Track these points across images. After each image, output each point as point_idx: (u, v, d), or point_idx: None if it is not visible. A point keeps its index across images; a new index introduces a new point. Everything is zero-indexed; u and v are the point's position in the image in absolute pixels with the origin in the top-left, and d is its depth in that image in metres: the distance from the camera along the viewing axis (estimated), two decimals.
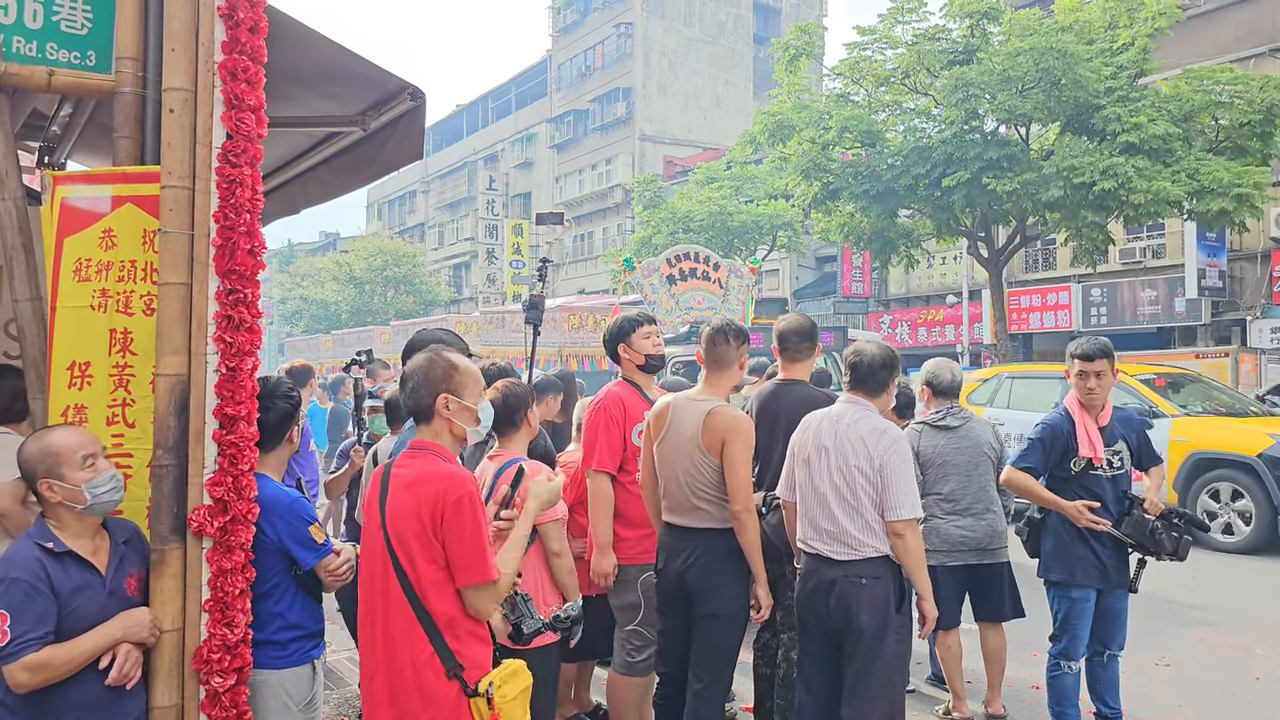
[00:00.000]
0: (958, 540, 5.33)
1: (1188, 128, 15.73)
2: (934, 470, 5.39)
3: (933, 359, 5.78)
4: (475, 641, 2.75)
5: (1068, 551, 4.70)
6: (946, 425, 5.41)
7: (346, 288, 42.10)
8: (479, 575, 2.67)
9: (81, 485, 2.64)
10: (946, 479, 5.36)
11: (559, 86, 46.50)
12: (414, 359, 2.89)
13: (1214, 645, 6.80)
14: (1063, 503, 4.63)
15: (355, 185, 4.79)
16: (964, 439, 5.38)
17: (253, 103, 2.82)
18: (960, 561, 5.35)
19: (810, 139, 18.47)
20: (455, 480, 2.69)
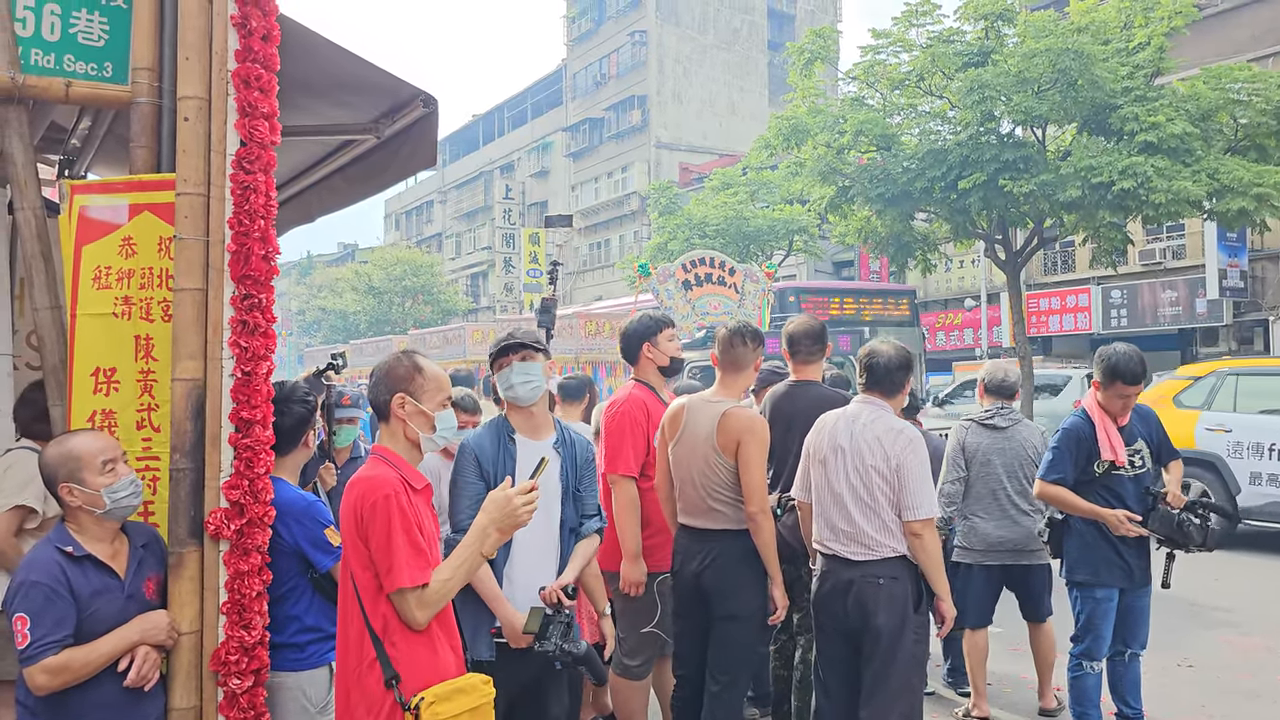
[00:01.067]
0: (995, 540, 5.37)
1: (1206, 127, 15.61)
2: (976, 467, 5.44)
3: (993, 360, 5.88)
4: (420, 649, 2.61)
5: (1092, 552, 4.68)
6: (994, 425, 5.48)
7: (365, 298, 42.30)
8: (398, 580, 2.53)
9: (101, 490, 2.68)
10: (986, 478, 5.41)
11: (574, 95, 46.65)
12: (385, 357, 2.91)
13: (1237, 646, 6.74)
14: (1103, 511, 4.60)
15: (369, 193, 4.83)
16: (1009, 440, 5.43)
17: (266, 110, 2.85)
18: (997, 562, 5.40)
19: (825, 143, 18.43)
20: (375, 483, 2.60)
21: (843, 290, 15.26)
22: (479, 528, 2.67)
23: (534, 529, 3.20)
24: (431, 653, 2.63)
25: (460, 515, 3.38)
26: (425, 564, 2.58)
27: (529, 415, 3.53)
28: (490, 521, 2.66)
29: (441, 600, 2.61)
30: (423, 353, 2.98)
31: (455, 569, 2.63)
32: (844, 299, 14.81)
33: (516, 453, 3.45)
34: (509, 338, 3.53)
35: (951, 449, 5.55)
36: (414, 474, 2.74)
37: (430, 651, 2.63)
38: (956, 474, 5.48)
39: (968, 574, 5.48)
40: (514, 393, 3.48)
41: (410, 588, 2.54)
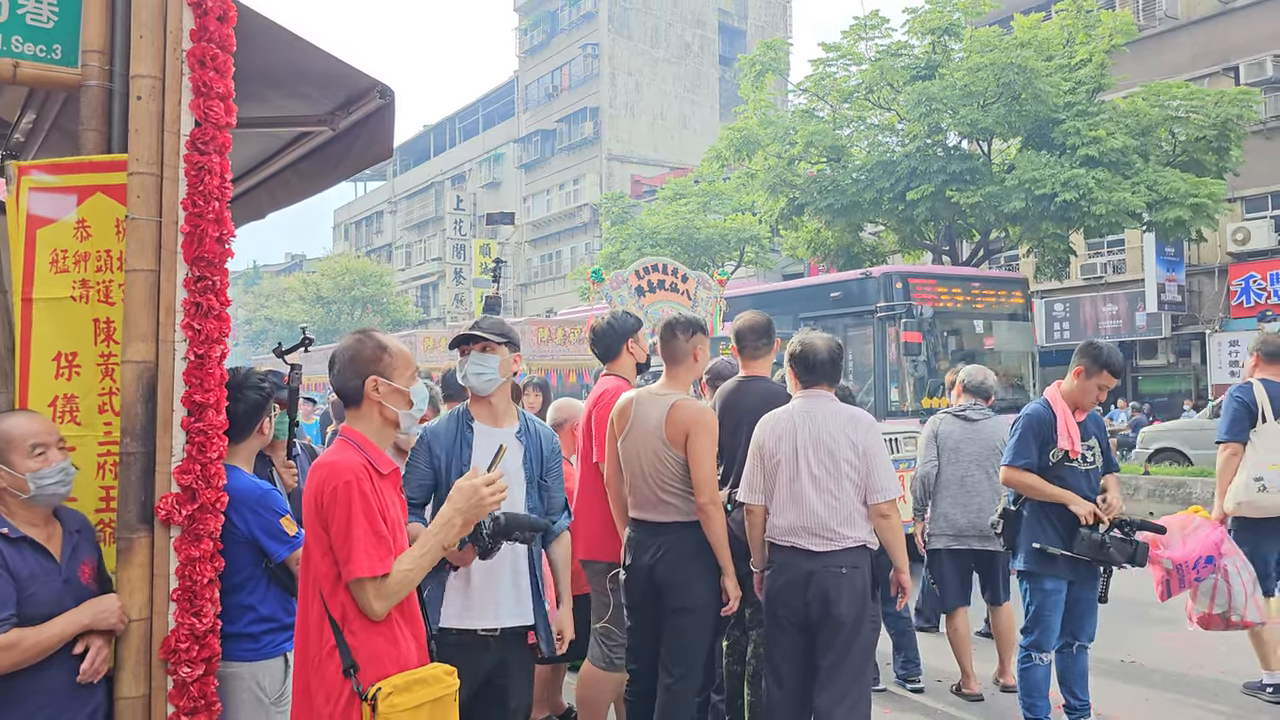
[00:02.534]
0: (963, 526, 5.71)
1: (1145, 142, 16.04)
2: (948, 454, 5.84)
3: (973, 365, 6.36)
4: (379, 639, 2.55)
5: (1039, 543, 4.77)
6: (968, 417, 5.89)
7: (313, 308, 41.84)
8: (356, 569, 2.48)
9: (27, 475, 2.62)
10: (957, 464, 5.78)
11: (526, 107, 46.63)
12: (342, 340, 2.84)
13: (1178, 643, 6.89)
14: (1068, 495, 4.70)
15: (324, 186, 4.78)
16: (979, 432, 5.81)
17: (221, 90, 2.82)
18: (965, 546, 5.73)
19: (776, 154, 18.64)
20: (337, 469, 2.55)
21: (952, 276, 13.76)
22: (444, 517, 2.62)
23: None
24: (391, 643, 2.58)
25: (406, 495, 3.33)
26: (386, 553, 2.53)
27: (488, 404, 3.53)
28: (456, 511, 2.62)
29: (402, 591, 2.56)
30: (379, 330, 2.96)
31: (417, 559, 2.58)
32: (953, 287, 13.15)
33: (474, 440, 3.45)
34: (473, 327, 3.55)
35: (925, 438, 6.00)
36: (381, 458, 2.69)
37: (390, 641, 2.58)
38: (929, 460, 5.87)
39: (939, 559, 5.83)
40: (468, 382, 3.52)
41: (368, 578, 2.49)
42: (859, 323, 12.80)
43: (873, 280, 12.90)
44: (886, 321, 12.44)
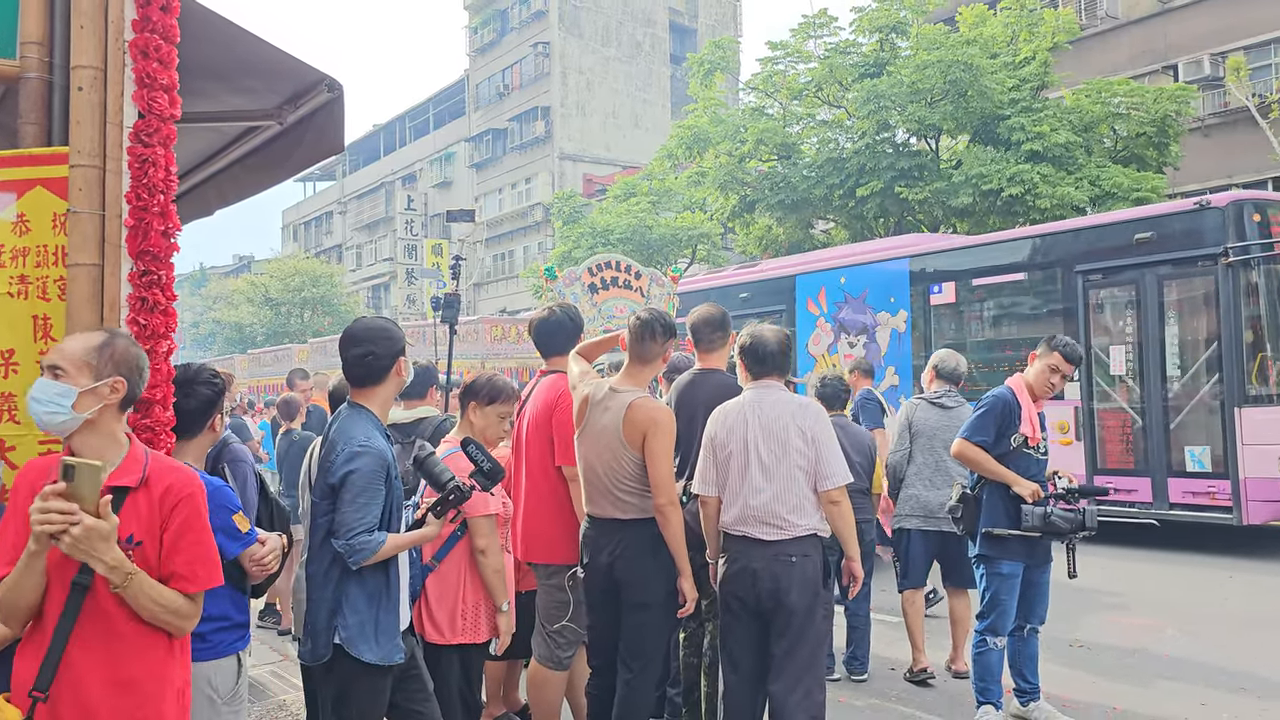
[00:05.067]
0: (935, 507, 5.79)
1: (1088, 138, 16.37)
2: (922, 440, 5.95)
3: (944, 349, 6.41)
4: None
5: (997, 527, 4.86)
6: (943, 404, 5.99)
7: (262, 309, 41.24)
8: None
9: None
10: (933, 450, 5.88)
11: (477, 106, 46.37)
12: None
13: (1126, 627, 7.05)
14: (1011, 475, 4.81)
15: (273, 182, 4.72)
16: (954, 419, 5.85)
17: (165, 82, 2.78)
18: (935, 528, 5.83)
19: (727, 152, 18.75)
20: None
21: None
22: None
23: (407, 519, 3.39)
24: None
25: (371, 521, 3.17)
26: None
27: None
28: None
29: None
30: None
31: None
32: None
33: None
34: None
35: (899, 424, 6.10)
36: None
37: None
38: (901, 446, 6.00)
39: (908, 539, 5.95)
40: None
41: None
42: (1185, 273, 9.99)
43: (1214, 212, 9.63)
44: (1240, 269, 9.48)
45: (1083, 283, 10.81)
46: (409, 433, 4.77)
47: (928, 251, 12.86)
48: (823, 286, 13.68)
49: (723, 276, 15.66)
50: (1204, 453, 9.79)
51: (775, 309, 14.16)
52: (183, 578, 2.38)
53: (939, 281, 12.35)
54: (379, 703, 3.26)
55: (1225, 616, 7.24)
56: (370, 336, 3.31)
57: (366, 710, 3.23)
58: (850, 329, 13.27)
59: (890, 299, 12.81)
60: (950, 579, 5.97)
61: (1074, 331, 10.58)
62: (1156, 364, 10.21)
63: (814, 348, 13.71)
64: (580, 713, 4.67)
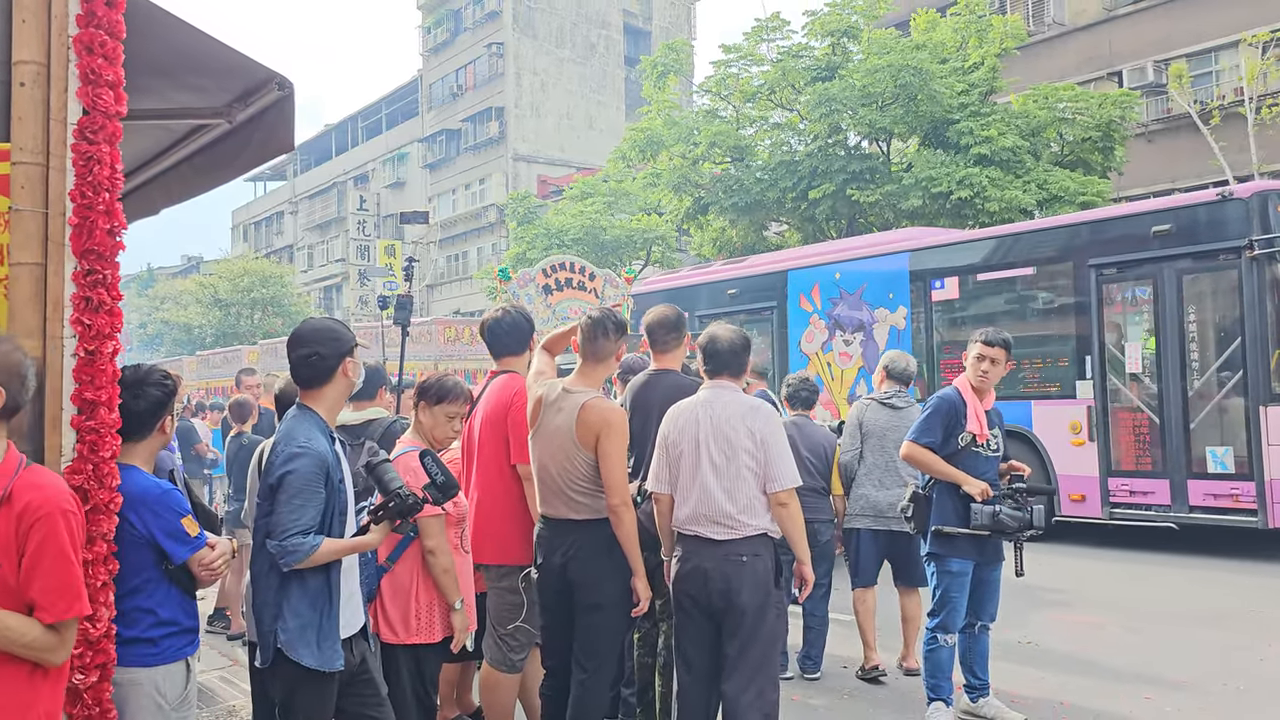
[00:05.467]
0: (885, 507, 5.83)
1: (1035, 142, 16.65)
2: (873, 441, 5.97)
3: (893, 350, 6.46)
4: None
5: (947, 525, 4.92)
6: (893, 405, 6.02)
7: (211, 310, 40.61)
8: None
9: None
10: (883, 450, 5.91)
11: (431, 106, 46.08)
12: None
13: (1072, 624, 7.17)
14: (961, 474, 4.87)
15: (222, 180, 4.66)
16: (904, 419, 5.89)
17: (111, 78, 2.73)
18: (884, 527, 5.87)
19: (680, 154, 18.81)
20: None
21: None
22: None
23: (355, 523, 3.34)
24: None
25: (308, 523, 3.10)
26: None
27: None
28: None
29: None
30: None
31: None
32: None
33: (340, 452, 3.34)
34: None
35: (850, 425, 6.12)
36: None
37: None
38: (853, 446, 6.02)
39: (858, 538, 5.98)
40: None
41: None
42: (1206, 267, 9.71)
43: (1237, 203, 9.41)
44: (1265, 262, 9.22)
45: (1096, 277, 10.38)
46: (358, 434, 4.72)
47: (929, 246, 12.41)
48: (816, 282, 13.18)
49: (710, 272, 15.17)
50: (1226, 453, 9.43)
51: (765, 305, 13.76)
52: (40, 607, 2.29)
53: (941, 277, 11.90)
54: (324, 708, 3.21)
55: (1169, 614, 7.39)
56: (316, 338, 3.27)
57: (312, 715, 3.19)
58: (846, 326, 12.84)
59: (889, 295, 12.38)
60: (901, 578, 6.01)
61: (1087, 328, 10.41)
62: (1176, 361, 9.80)
63: (807, 345, 13.26)
64: (534, 714, 4.66)
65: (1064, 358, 10.66)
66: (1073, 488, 10.25)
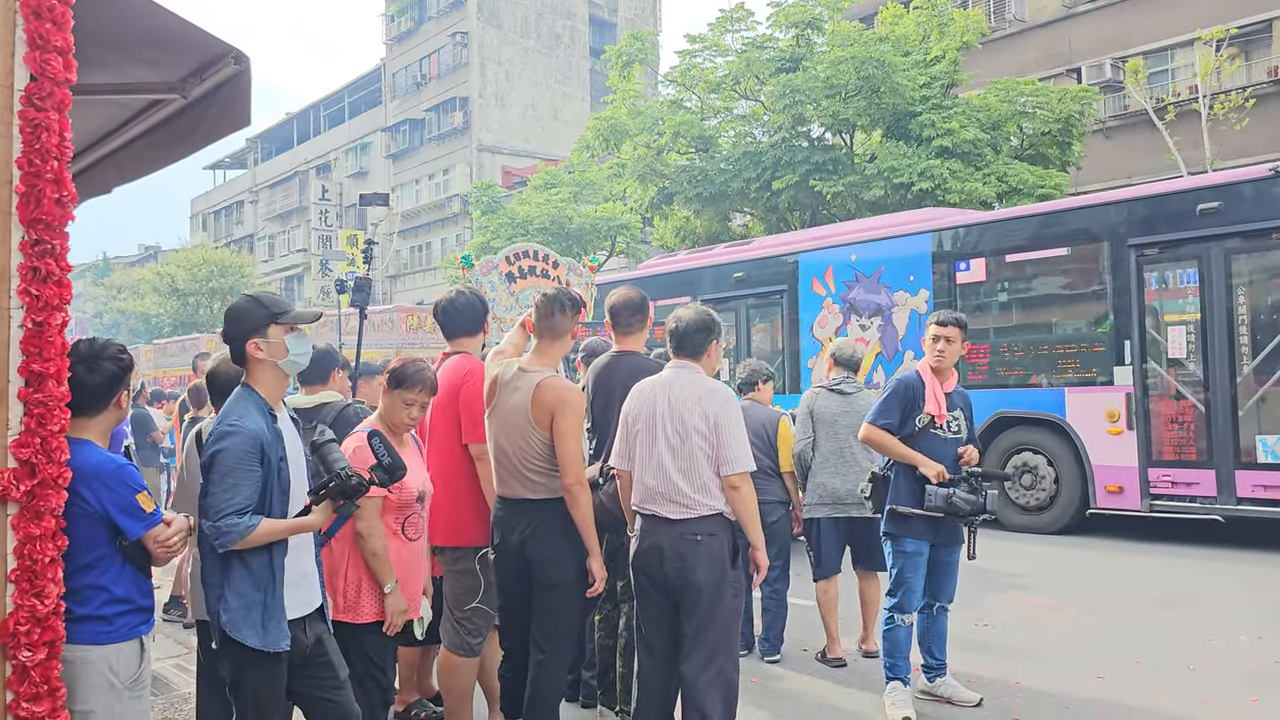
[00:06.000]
0: (843, 494, 5.85)
1: (995, 135, 16.83)
2: (825, 428, 5.96)
3: (840, 339, 6.43)
4: None
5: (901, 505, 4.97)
6: (841, 391, 6.03)
7: (169, 300, 40.07)
8: None
9: None
10: (835, 437, 5.91)
11: (394, 95, 45.69)
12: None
13: (1029, 606, 7.26)
14: (918, 456, 4.90)
15: (175, 158, 4.57)
16: (853, 404, 5.94)
17: (59, 44, 2.68)
18: (843, 514, 5.88)
19: (645, 144, 18.81)
20: None
21: None
22: None
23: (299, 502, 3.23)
24: None
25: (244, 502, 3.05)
26: None
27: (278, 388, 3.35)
28: None
29: None
30: None
31: None
32: None
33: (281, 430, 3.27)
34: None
35: (801, 413, 6.11)
36: None
37: None
38: (804, 435, 6.01)
39: (818, 527, 5.97)
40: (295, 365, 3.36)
41: None
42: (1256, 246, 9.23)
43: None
44: None
45: (1136, 258, 9.83)
46: (311, 418, 4.66)
47: (955, 226, 11.74)
48: (830, 265, 12.54)
49: (714, 255, 14.58)
50: (1278, 443, 8.96)
51: (774, 290, 13.18)
52: None
53: (966, 258, 11.24)
54: (273, 689, 3.16)
55: (1124, 596, 7.50)
56: (228, 316, 3.26)
57: (261, 697, 3.14)
58: (862, 310, 12.19)
59: (909, 277, 11.73)
60: (860, 562, 6.04)
61: (1126, 311, 9.89)
62: (1223, 345, 9.28)
63: (820, 331, 12.62)
64: (493, 696, 4.65)
65: (1100, 343, 10.15)
66: (1110, 478, 9.87)
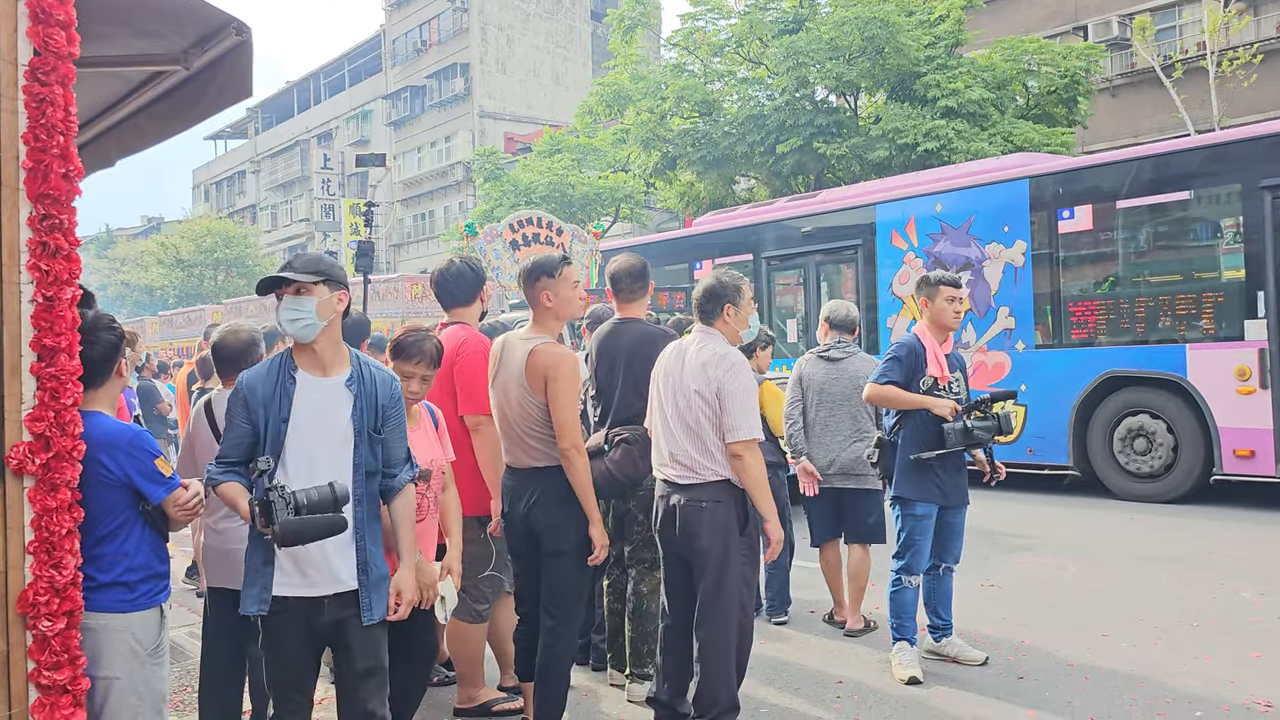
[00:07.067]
0: (823, 465, 5.77)
1: (1001, 95, 16.71)
2: (811, 396, 5.84)
3: (835, 300, 6.19)
4: None
5: (912, 470, 4.99)
6: (830, 357, 5.87)
7: (173, 271, 40.05)
8: None
9: None
10: (822, 405, 5.79)
11: (394, 62, 45.38)
12: None
13: (1032, 567, 7.31)
14: (929, 399, 4.91)
15: (177, 130, 4.57)
16: (843, 370, 5.79)
17: (62, 17, 2.68)
18: (828, 485, 5.79)
19: (648, 109, 18.71)
20: None
21: None
22: None
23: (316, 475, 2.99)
24: None
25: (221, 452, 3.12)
26: None
27: (311, 352, 3.15)
28: None
29: None
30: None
31: None
32: None
33: (295, 390, 3.10)
34: (284, 268, 3.17)
35: (791, 380, 6.00)
36: None
37: None
38: (793, 401, 5.91)
39: (809, 496, 5.91)
40: (285, 330, 3.15)
41: None
42: None
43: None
44: None
45: (1271, 200, 9.03)
46: None
47: (1057, 170, 10.88)
48: (912, 216, 11.68)
49: (777, 209, 13.68)
50: None
51: (848, 244, 12.36)
52: None
53: (1070, 205, 10.38)
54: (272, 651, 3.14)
55: (1126, 555, 7.55)
56: None
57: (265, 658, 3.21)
58: (949, 265, 11.18)
59: (1003, 228, 10.87)
60: (850, 534, 5.89)
61: (1259, 259, 9.11)
62: None
63: (900, 288, 11.79)
64: (506, 660, 4.72)
65: (1228, 294, 9.36)
66: (1239, 442, 9.16)
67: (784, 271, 13.24)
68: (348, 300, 3.21)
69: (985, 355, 11.03)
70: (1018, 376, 10.67)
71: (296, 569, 3.08)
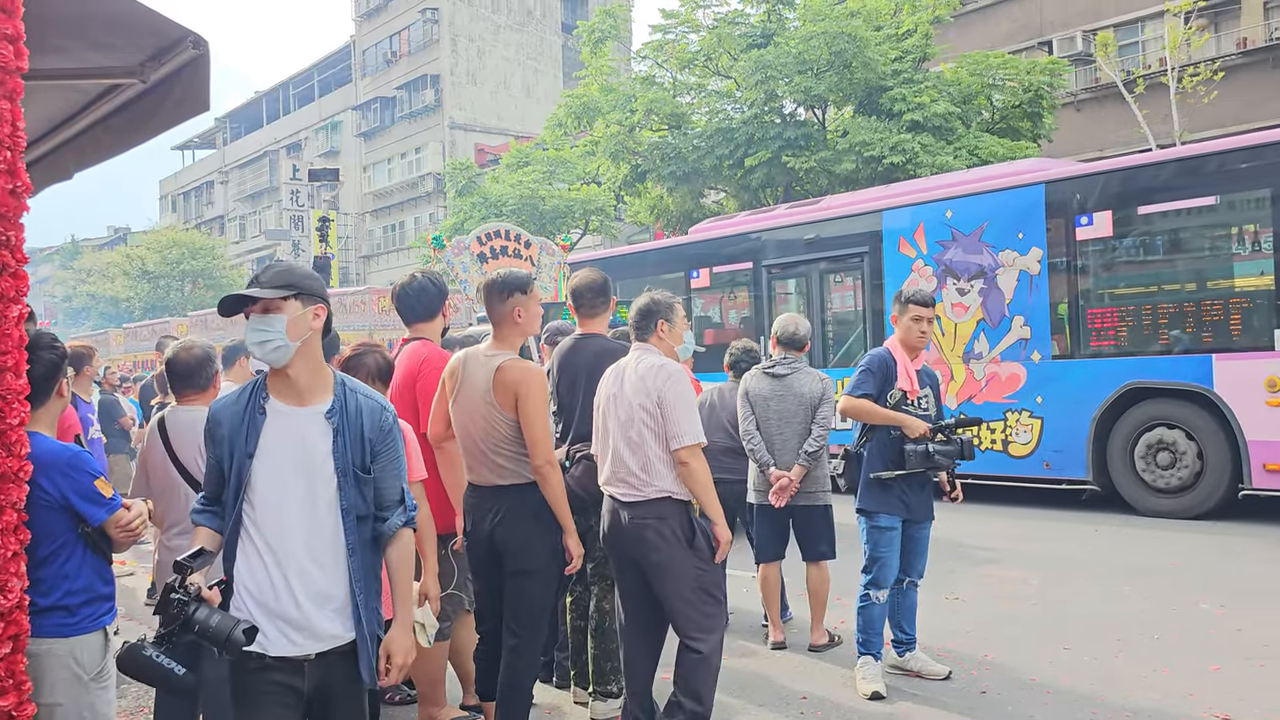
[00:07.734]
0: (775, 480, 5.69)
1: (966, 109, 16.89)
2: (759, 410, 5.80)
3: (785, 315, 6.12)
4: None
5: (874, 483, 5.00)
6: (775, 373, 5.81)
7: (139, 283, 39.65)
8: None
9: None
10: (767, 421, 5.75)
11: (364, 73, 45.24)
12: None
13: (998, 579, 7.35)
14: (902, 416, 4.93)
15: (135, 143, 4.52)
16: (788, 388, 5.75)
17: (10, 32, 2.64)
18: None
19: (617, 121, 18.75)
20: None
21: None
22: None
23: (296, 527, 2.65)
24: None
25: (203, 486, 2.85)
26: None
27: (285, 377, 2.73)
28: None
29: None
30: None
31: None
32: None
33: (265, 423, 2.69)
34: (251, 283, 2.76)
35: (739, 396, 5.97)
36: None
37: None
38: (746, 417, 5.86)
39: (754, 512, 5.92)
40: (254, 354, 2.72)
41: None
42: None
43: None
44: None
45: None
46: None
47: (1074, 175, 10.53)
48: (920, 222, 11.32)
49: (779, 215, 13.30)
50: None
51: (853, 252, 11.99)
52: None
53: (1089, 211, 10.02)
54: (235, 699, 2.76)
55: (1089, 568, 7.60)
56: None
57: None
58: (960, 273, 10.93)
59: (1018, 234, 10.50)
60: (803, 552, 5.82)
61: None
62: None
63: None
64: (468, 679, 4.67)
65: (1257, 303, 9.05)
66: (1270, 456, 8.80)
67: (786, 280, 12.96)
68: (326, 314, 2.78)
69: (999, 366, 10.70)
70: (1033, 388, 10.40)
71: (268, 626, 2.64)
